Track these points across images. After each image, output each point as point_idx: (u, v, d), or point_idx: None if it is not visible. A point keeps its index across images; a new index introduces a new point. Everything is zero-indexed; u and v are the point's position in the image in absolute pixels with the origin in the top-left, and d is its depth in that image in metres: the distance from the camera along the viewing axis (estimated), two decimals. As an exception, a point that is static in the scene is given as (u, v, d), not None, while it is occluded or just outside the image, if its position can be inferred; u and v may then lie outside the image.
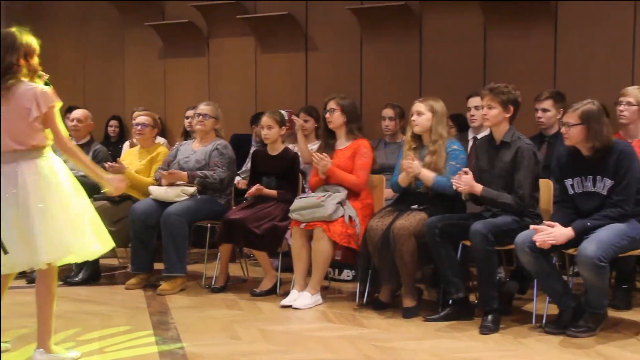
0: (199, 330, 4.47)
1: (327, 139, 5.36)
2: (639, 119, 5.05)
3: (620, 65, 6.28)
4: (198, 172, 5.60)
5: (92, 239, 3.74)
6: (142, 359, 3.93)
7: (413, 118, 4.95)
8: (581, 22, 6.43)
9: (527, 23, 6.58)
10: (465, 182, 4.55)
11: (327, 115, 5.27)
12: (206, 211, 5.58)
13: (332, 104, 5.26)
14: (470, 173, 4.58)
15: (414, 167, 4.84)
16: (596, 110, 4.28)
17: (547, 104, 5.38)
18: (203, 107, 5.83)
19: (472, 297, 4.81)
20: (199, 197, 5.57)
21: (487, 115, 4.63)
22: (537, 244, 4.15)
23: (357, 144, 5.25)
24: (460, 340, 4.27)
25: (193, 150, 5.81)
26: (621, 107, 5.05)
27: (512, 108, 4.60)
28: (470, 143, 5.72)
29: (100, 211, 5.51)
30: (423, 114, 4.92)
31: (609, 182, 4.25)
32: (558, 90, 5.69)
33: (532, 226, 4.26)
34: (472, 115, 5.70)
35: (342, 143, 5.32)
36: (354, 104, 5.43)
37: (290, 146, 5.99)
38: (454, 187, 4.59)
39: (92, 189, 5.86)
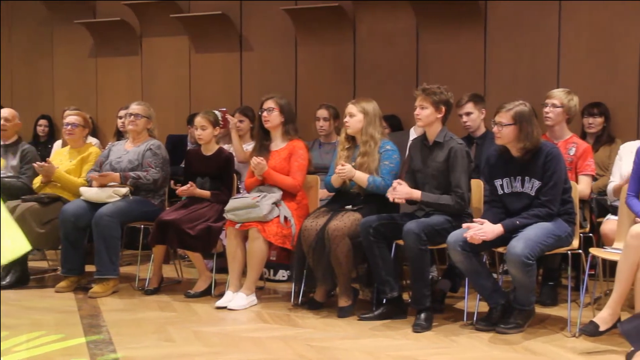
0: (131, 333, 4.41)
1: (262, 139, 5.34)
2: (564, 120, 5.20)
3: (546, 67, 6.46)
4: (131, 173, 5.52)
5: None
6: (73, 364, 3.85)
7: (345, 120, 4.99)
8: (509, 24, 6.59)
9: (458, 25, 6.70)
10: (401, 192, 4.60)
11: (265, 114, 5.24)
12: (139, 212, 5.51)
13: (270, 103, 5.24)
14: (403, 183, 4.64)
15: (346, 172, 4.87)
16: (528, 112, 4.39)
17: (469, 107, 5.48)
18: (135, 107, 5.75)
19: (406, 296, 4.87)
20: (131, 198, 5.50)
21: (419, 115, 4.70)
22: (468, 239, 4.24)
23: (292, 145, 5.26)
24: (394, 338, 4.32)
25: (126, 150, 5.72)
26: (547, 109, 5.19)
27: (444, 108, 4.68)
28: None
29: (29, 212, 5.49)
30: (355, 115, 4.96)
31: (536, 183, 4.37)
32: (483, 92, 5.82)
33: (464, 224, 4.35)
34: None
35: (278, 144, 5.31)
36: (291, 105, 5.44)
37: (226, 146, 5.96)
38: (391, 199, 4.62)
39: (18, 191, 5.78)
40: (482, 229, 4.25)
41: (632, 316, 2.59)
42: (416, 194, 4.63)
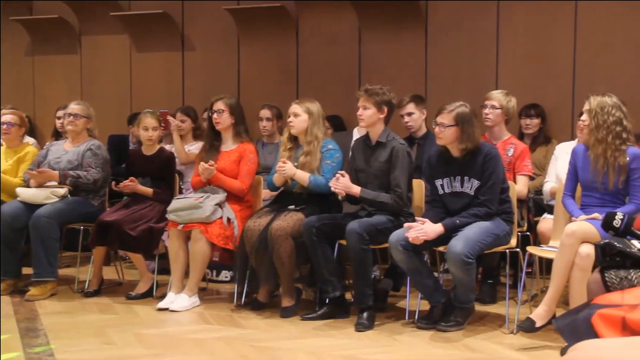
0: (70, 336, 4.33)
1: (213, 140, 5.30)
2: (503, 121, 5.31)
3: (486, 69, 6.58)
4: (70, 172, 5.42)
5: None
6: (9, 368, 3.77)
7: (290, 119, 5.00)
8: (449, 26, 6.69)
9: (400, 26, 6.77)
10: (342, 184, 4.63)
11: (215, 116, 5.19)
12: (78, 213, 5.41)
13: (220, 105, 5.20)
14: (347, 175, 4.68)
15: (287, 170, 4.88)
16: (469, 113, 4.47)
17: (410, 107, 5.55)
18: (73, 107, 5.65)
19: (348, 295, 4.90)
20: (70, 198, 5.40)
21: (362, 115, 4.74)
22: (410, 239, 4.30)
23: (243, 148, 5.22)
24: (337, 337, 4.35)
25: (65, 150, 5.62)
26: (486, 111, 5.29)
27: (386, 109, 4.73)
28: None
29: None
30: (299, 115, 4.97)
31: (476, 183, 4.45)
32: (424, 93, 5.91)
33: (405, 224, 4.40)
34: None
35: (229, 145, 5.27)
36: (241, 105, 5.40)
37: (167, 147, 5.90)
38: (332, 189, 4.67)
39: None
40: (423, 229, 4.31)
41: (566, 312, 2.67)
42: (355, 189, 4.67)
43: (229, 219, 5.03)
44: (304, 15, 7.18)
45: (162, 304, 4.96)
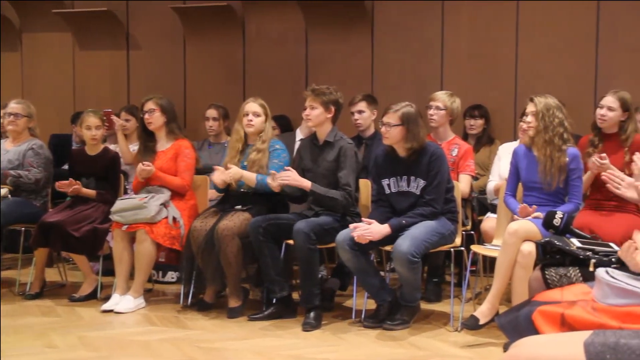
0: (10, 340, 4.23)
1: (146, 141, 5.24)
2: (447, 122, 5.38)
3: (431, 70, 6.66)
4: (11, 172, 5.30)
5: None
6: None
7: (250, 118, 4.97)
8: (395, 27, 6.74)
9: (346, 26, 6.80)
10: (291, 178, 4.63)
11: (147, 116, 5.15)
12: (19, 214, 5.30)
13: (150, 105, 5.16)
14: (294, 170, 4.68)
15: (232, 174, 4.86)
16: (414, 113, 4.52)
17: (362, 105, 5.59)
18: (13, 106, 5.54)
19: (295, 295, 4.91)
20: (11, 199, 5.28)
21: (309, 115, 4.76)
22: (356, 239, 4.32)
23: (178, 145, 5.19)
24: (284, 337, 4.35)
25: (6, 150, 5.50)
26: (431, 112, 5.35)
27: (333, 108, 4.75)
28: (298, 144, 5.84)
29: None
30: (260, 115, 4.97)
31: (421, 182, 4.50)
32: (371, 93, 5.96)
33: (351, 225, 4.42)
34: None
35: (163, 144, 5.23)
36: (172, 103, 5.35)
37: (112, 146, 5.82)
38: (279, 181, 4.65)
39: None
40: (369, 229, 4.34)
41: (508, 310, 2.72)
42: (306, 183, 4.67)
43: (174, 219, 4.99)
44: (250, 15, 7.15)
45: (106, 306, 4.90)
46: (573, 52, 6.24)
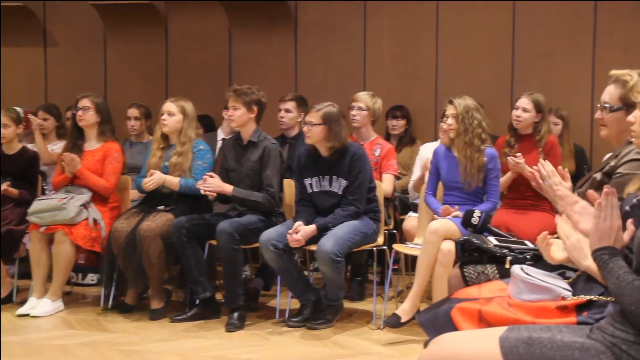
0: None
1: (76, 138, 5.12)
2: (369, 122, 5.45)
3: (354, 71, 6.72)
4: None
5: None
6: None
7: (163, 118, 4.91)
8: (318, 28, 6.77)
9: (269, 27, 6.80)
10: (212, 185, 4.60)
11: (80, 113, 5.02)
12: None
13: (85, 102, 5.04)
14: (216, 176, 4.66)
15: (156, 180, 4.79)
16: (336, 113, 4.56)
17: (290, 105, 5.61)
18: None
19: (219, 296, 4.89)
20: None
21: (232, 116, 4.75)
22: (291, 244, 4.33)
23: (107, 147, 5.09)
24: (207, 339, 4.33)
25: None
26: (354, 112, 5.41)
27: (256, 108, 4.74)
28: (220, 144, 5.81)
29: None
30: (174, 115, 4.91)
31: (344, 182, 4.55)
32: (294, 93, 5.98)
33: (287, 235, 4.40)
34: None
35: (92, 144, 5.11)
36: (107, 104, 5.26)
37: (30, 146, 5.66)
38: (202, 191, 4.63)
39: None
40: (297, 230, 4.34)
41: (428, 307, 2.77)
42: (228, 188, 4.66)
43: (95, 220, 4.90)
44: (173, 14, 7.07)
45: (22, 310, 4.77)
46: (490, 54, 6.39)
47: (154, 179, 4.78)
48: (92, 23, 7.13)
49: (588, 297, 2.34)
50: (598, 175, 3.02)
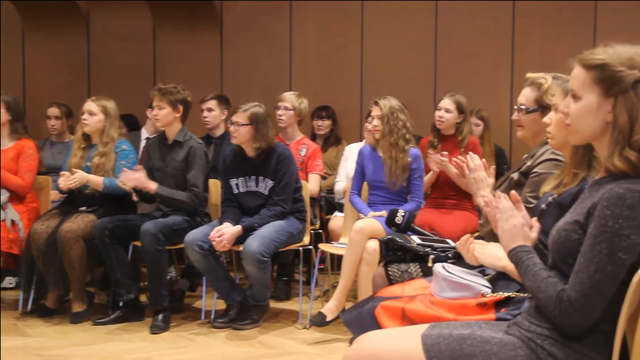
0: None
1: (-13, 138, 4.99)
2: (295, 122, 5.47)
3: (280, 71, 6.73)
4: None
5: None
6: None
7: (84, 117, 4.82)
8: (244, 27, 6.77)
9: (195, 26, 6.75)
10: (137, 179, 4.54)
11: (-11, 112, 4.90)
12: None
13: None
14: (143, 170, 4.60)
15: (78, 179, 4.69)
16: (263, 113, 4.56)
17: (212, 103, 5.59)
18: None
19: (143, 298, 4.82)
20: None
21: (157, 115, 4.70)
22: (216, 248, 4.30)
23: (21, 145, 4.97)
24: (131, 341, 4.26)
25: None
26: (279, 112, 5.42)
27: (181, 108, 4.70)
28: (144, 143, 5.74)
29: None
30: (95, 114, 4.82)
31: (270, 182, 4.55)
32: (220, 93, 5.96)
33: (210, 236, 4.37)
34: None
35: (5, 143, 4.99)
36: (19, 102, 5.13)
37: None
38: (121, 184, 4.55)
39: None
40: (223, 234, 4.31)
41: (353, 305, 2.80)
42: (152, 185, 4.60)
43: (13, 222, 4.76)
44: (95, 11, 6.94)
45: None
46: (414, 55, 6.51)
47: (76, 178, 4.67)
48: (9, 18, 6.92)
49: (506, 294, 2.42)
50: (515, 175, 3.11)
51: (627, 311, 1.89)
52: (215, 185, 4.95)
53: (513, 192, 2.21)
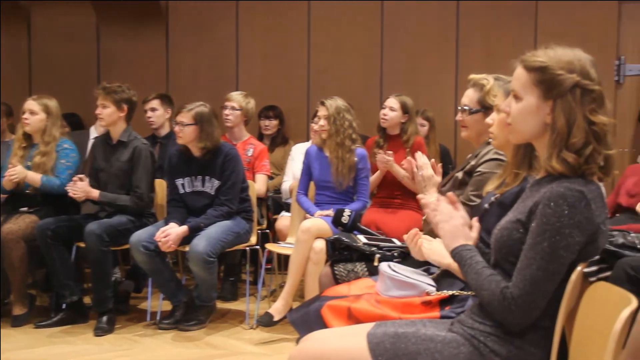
0: None
1: None
2: (242, 122, 5.45)
3: (226, 70, 6.70)
4: None
5: None
6: None
7: (25, 116, 4.72)
8: (190, 26, 6.72)
9: (140, 24, 6.67)
10: (80, 189, 4.48)
11: None
12: None
13: None
14: (86, 179, 4.53)
15: (17, 174, 4.59)
16: (208, 112, 4.53)
17: (155, 103, 5.54)
18: None
19: (87, 299, 4.74)
20: None
21: (101, 114, 4.63)
22: (162, 248, 4.26)
23: (-43, 144, 4.85)
24: (75, 344, 4.19)
25: None
26: (226, 112, 5.40)
27: (126, 107, 4.65)
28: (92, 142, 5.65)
29: None
30: (37, 113, 4.73)
31: (216, 182, 4.53)
32: (166, 92, 5.91)
33: (156, 237, 4.32)
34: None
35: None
36: None
37: None
38: (70, 194, 4.49)
39: None
40: (168, 235, 4.27)
41: (299, 305, 2.81)
42: (94, 193, 4.54)
43: (-49, 224, 4.64)
44: (36, 8, 6.81)
45: None
46: (361, 56, 6.55)
47: (16, 171, 4.57)
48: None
49: (450, 292, 2.45)
50: (460, 175, 3.16)
51: (565, 308, 1.93)
52: (161, 185, 4.90)
53: (450, 193, 2.25)
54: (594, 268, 2.91)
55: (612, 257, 2.94)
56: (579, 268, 1.93)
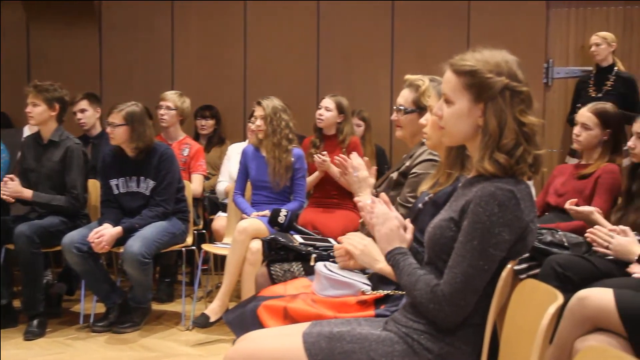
0: None
1: None
2: (178, 122, 5.41)
3: (161, 70, 6.63)
4: None
5: None
6: None
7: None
8: (124, 26, 6.63)
9: (71, 23, 6.55)
10: (11, 189, 4.37)
11: None
12: None
13: None
14: (17, 179, 4.42)
15: None
16: (139, 112, 4.47)
17: (83, 104, 5.44)
18: None
19: (17, 303, 4.62)
20: None
21: (31, 113, 4.54)
22: (96, 249, 4.19)
23: None
24: (4, 349, 4.09)
25: None
26: (161, 111, 5.35)
27: (57, 106, 4.56)
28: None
29: None
30: (-39, 111, 4.60)
31: (151, 183, 4.47)
32: (99, 92, 5.81)
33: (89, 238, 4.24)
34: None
35: None
36: None
37: None
38: (1, 196, 4.37)
39: None
40: (102, 236, 4.20)
41: (235, 306, 2.80)
42: (27, 193, 4.44)
43: None
44: (-37, 4, 6.60)
45: None
46: (297, 55, 6.56)
47: None
48: None
49: (385, 292, 2.48)
50: (395, 175, 3.19)
51: (496, 304, 1.98)
52: (94, 185, 4.82)
53: (383, 193, 2.28)
54: (524, 265, 3.00)
55: (540, 255, 3.02)
56: (509, 265, 1.98)
